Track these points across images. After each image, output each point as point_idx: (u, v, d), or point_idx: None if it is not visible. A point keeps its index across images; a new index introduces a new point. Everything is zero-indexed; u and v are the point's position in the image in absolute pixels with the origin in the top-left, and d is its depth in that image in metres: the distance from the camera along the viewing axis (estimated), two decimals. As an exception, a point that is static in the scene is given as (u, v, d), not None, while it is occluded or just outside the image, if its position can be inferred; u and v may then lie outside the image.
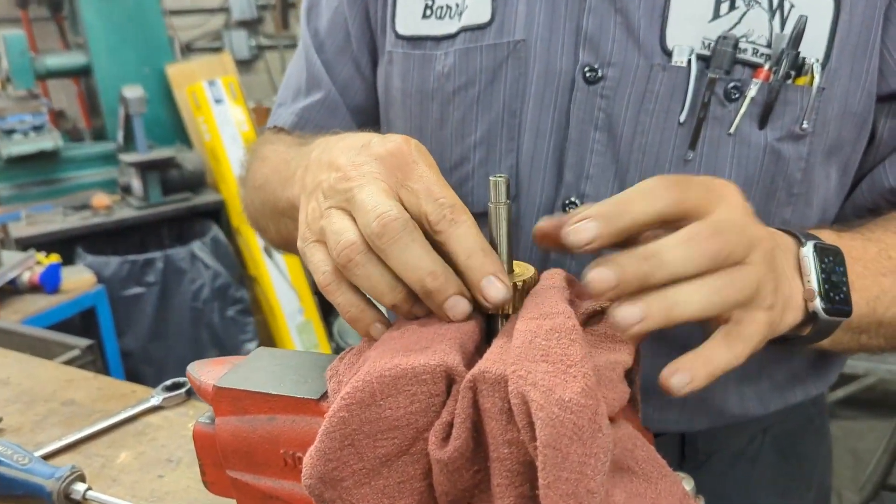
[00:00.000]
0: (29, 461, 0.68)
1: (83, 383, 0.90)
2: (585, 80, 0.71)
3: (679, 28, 0.68)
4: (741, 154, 0.69)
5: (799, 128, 0.68)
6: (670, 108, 0.69)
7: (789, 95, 0.67)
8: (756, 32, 0.67)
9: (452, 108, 0.78)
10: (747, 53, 0.67)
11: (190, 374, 0.59)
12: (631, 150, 0.71)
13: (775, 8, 0.67)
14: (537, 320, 0.45)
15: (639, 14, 0.69)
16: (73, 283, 2.60)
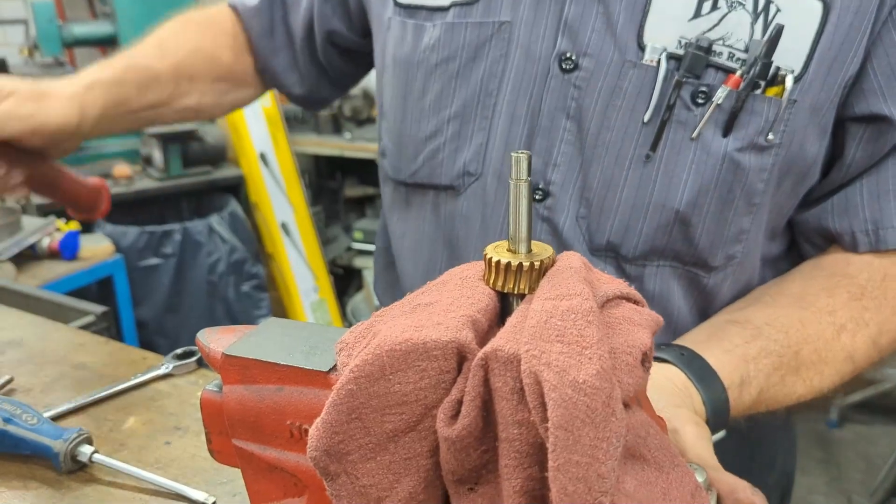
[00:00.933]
0: (37, 421, 0.68)
1: (95, 348, 0.90)
2: (561, 69, 0.70)
3: (658, 24, 0.67)
4: (700, 160, 0.68)
5: (764, 139, 0.67)
6: (636, 107, 0.69)
7: (756, 105, 0.66)
8: (735, 36, 0.66)
9: (433, 79, 0.79)
10: (722, 57, 0.66)
11: (199, 341, 0.58)
12: (596, 143, 0.70)
13: (759, 11, 0.65)
14: (553, 301, 0.43)
15: (620, 6, 0.68)
16: (91, 250, 2.61)
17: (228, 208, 3.21)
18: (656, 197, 0.70)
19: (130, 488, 0.64)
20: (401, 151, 0.85)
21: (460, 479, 0.44)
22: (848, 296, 0.72)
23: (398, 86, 0.84)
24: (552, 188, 0.72)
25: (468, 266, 0.52)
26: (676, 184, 0.69)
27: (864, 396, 3.18)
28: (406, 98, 0.83)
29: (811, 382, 0.71)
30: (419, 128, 0.81)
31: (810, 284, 0.75)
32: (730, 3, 0.66)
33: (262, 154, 3.42)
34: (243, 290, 3.19)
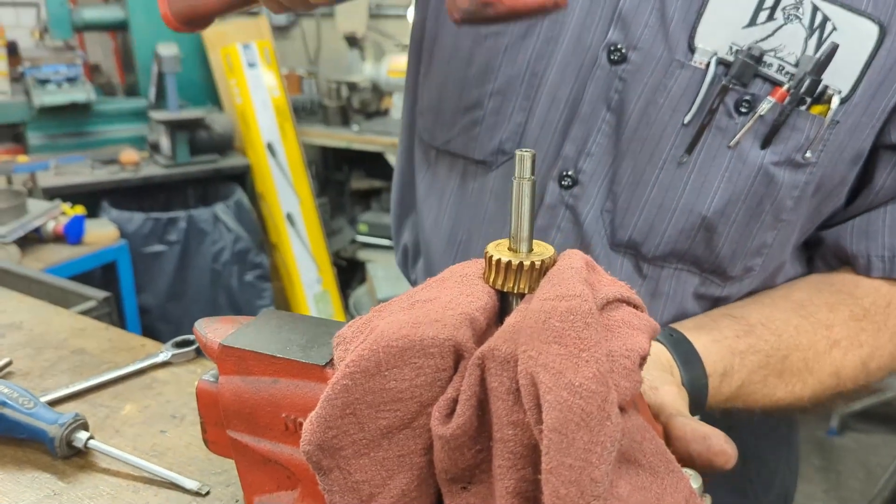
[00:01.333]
0: (34, 405, 0.68)
1: (95, 333, 0.90)
2: (609, 59, 0.70)
3: (711, 27, 0.67)
4: (735, 169, 0.67)
5: (801, 156, 0.66)
6: (678, 107, 0.68)
7: (799, 122, 0.65)
8: (787, 49, 0.65)
9: (481, 50, 0.77)
10: (772, 69, 0.65)
11: (197, 331, 0.58)
12: (632, 138, 0.70)
13: (815, 27, 0.64)
14: (552, 301, 0.43)
15: (676, 4, 0.67)
16: (96, 235, 2.62)
17: (234, 197, 3.21)
18: (685, 200, 0.70)
19: (124, 475, 0.64)
20: (438, 116, 0.84)
21: (453, 478, 0.44)
22: (849, 314, 0.72)
23: (445, 48, 0.82)
24: (581, 177, 0.72)
25: (469, 263, 0.52)
26: (707, 190, 0.69)
27: (865, 405, 3.17)
28: (450, 62, 0.81)
29: (792, 388, 0.71)
30: (460, 96, 0.80)
31: (815, 296, 0.74)
32: (786, 16, 0.65)
33: (270, 144, 3.42)
34: (246, 280, 3.20)
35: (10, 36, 3.47)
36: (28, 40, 3.73)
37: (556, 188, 0.74)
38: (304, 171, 3.51)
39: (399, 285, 3.12)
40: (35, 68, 3.19)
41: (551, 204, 0.75)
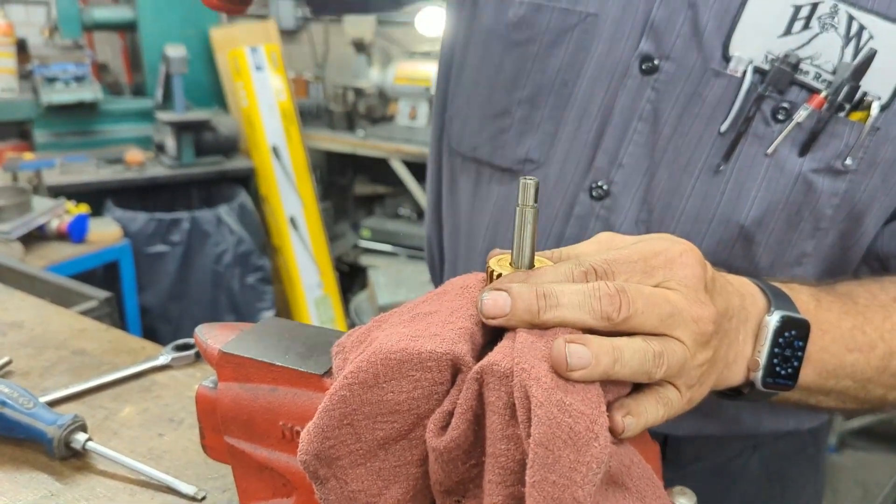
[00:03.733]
0: (33, 406, 0.68)
1: (95, 334, 0.90)
2: (641, 70, 0.69)
3: (746, 36, 0.66)
4: (772, 177, 0.67)
5: (841, 163, 0.66)
6: (714, 116, 0.67)
7: (837, 128, 0.65)
8: (824, 57, 0.65)
9: (511, 57, 0.77)
10: (808, 76, 0.65)
11: (197, 337, 0.58)
12: (667, 148, 0.69)
13: (851, 35, 0.64)
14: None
15: (710, 14, 0.67)
16: (99, 234, 2.62)
17: (238, 199, 3.22)
18: (722, 210, 0.69)
19: (121, 478, 0.65)
20: (465, 123, 0.84)
21: (447, 491, 0.44)
22: None
23: (475, 55, 0.82)
24: (613, 188, 0.72)
25: (470, 276, 0.52)
26: (745, 199, 0.68)
27: (864, 423, 3.16)
28: (480, 70, 0.81)
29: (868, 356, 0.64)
30: (489, 103, 0.80)
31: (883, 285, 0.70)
32: (822, 24, 0.64)
33: (275, 147, 3.42)
34: (248, 282, 3.20)
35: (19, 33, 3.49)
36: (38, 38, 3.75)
37: (586, 199, 0.74)
38: (308, 175, 3.52)
39: (399, 292, 3.12)
40: (44, 66, 3.20)
41: (581, 214, 0.74)
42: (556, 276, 0.45)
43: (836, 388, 0.63)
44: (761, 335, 0.55)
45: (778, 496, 0.85)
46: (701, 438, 0.76)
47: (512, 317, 0.44)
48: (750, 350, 0.55)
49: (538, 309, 0.43)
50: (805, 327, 0.57)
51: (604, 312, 0.43)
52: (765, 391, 0.56)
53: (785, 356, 0.56)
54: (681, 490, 0.47)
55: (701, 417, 0.74)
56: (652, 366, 0.43)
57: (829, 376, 0.62)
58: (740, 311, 0.54)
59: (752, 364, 0.56)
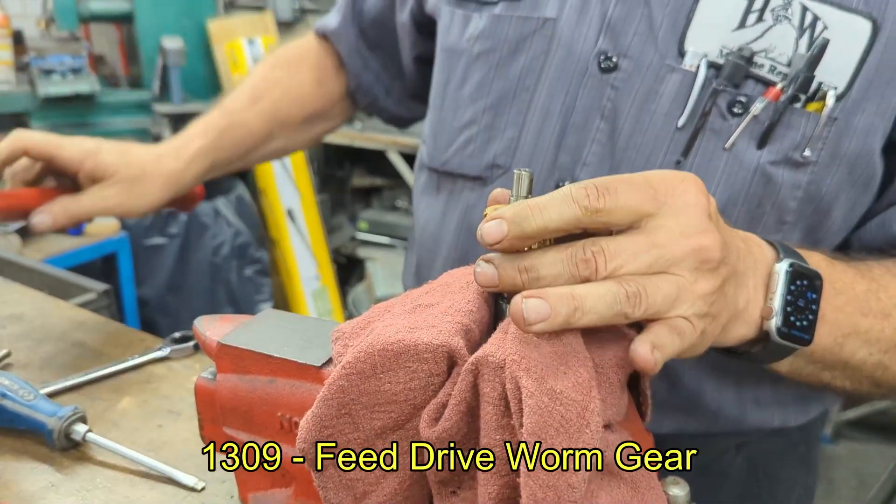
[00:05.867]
0: (34, 397, 0.69)
1: (94, 327, 0.91)
2: (599, 68, 0.70)
3: (701, 31, 0.67)
4: (731, 170, 0.67)
5: (799, 154, 0.65)
6: (671, 111, 0.68)
7: (793, 119, 0.65)
8: (778, 49, 0.65)
9: (474, 69, 0.79)
10: (763, 69, 0.65)
11: (196, 329, 0.59)
12: (627, 146, 0.70)
13: (805, 26, 0.64)
14: None
15: (664, 11, 0.68)
16: (97, 227, 2.62)
17: (235, 192, 3.22)
18: None
19: (121, 469, 0.65)
20: (437, 139, 0.85)
21: (442, 481, 0.45)
22: None
23: (441, 73, 0.85)
24: None
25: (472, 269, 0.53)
26: None
27: (860, 413, 3.18)
28: (446, 86, 0.83)
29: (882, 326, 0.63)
30: (455, 116, 0.82)
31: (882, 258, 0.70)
32: (776, 17, 0.65)
33: (272, 139, 3.41)
34: (246, 275, 3.20)
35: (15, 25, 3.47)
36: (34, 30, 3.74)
37: None
38: (305, 167, 3.52)
39: (397, 284, 3.13)
40: (40, 58, 3.19)
41: None
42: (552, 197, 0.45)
43: (851, 359, 0.62)
44: (772, 283, 0.54)
45: (766, 496, 0.85)
46: (684, 437, 0.76)
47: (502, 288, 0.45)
48: (762, 299, 0.54)
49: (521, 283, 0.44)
50: (817, 279, 0.56)
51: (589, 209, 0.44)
52: (781, 343, 0.54)
53: (798, 307, 0.55)
54: (673, 480, 0.48)
55: (682, 414, 0.75)
56: (627, 306, 0.43)
57: (844, 341, 0.61)
58: (746, 256, 0.53)
59: (766, 311, 0.54)
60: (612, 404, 0.43)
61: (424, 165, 0.91)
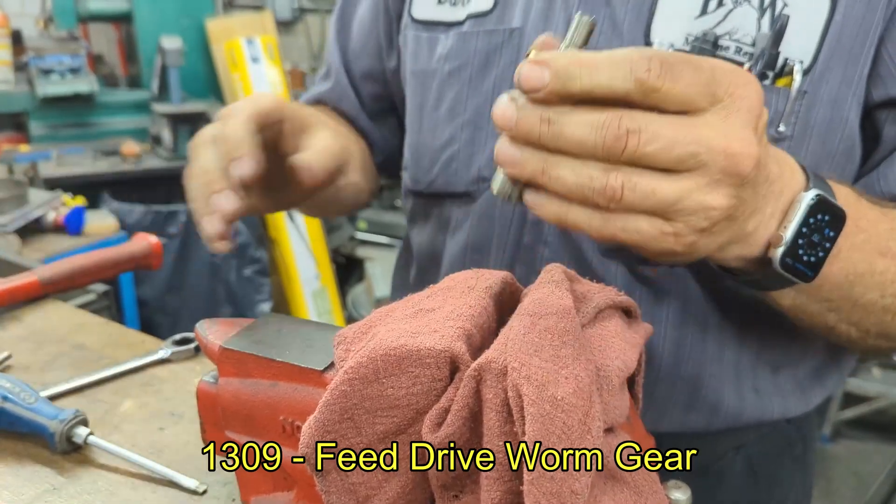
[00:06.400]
0: (35, 400, 0.69)
1: (95, 328, 0.91)
2: None
3: (664, 23, 0.68)
4: None
5: (774, 130, 0.66)
6: None
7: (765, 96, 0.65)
8: (741, 31, 0.66)
9: (447, 88, 0.80)
10: (729, 52, 0.66)
11: (198, 332, 0.59)
12: None
13: (766, 6, 0.66)
14: (531, 317, 0.44)
15: (627, 7, 0.70)
16: (96, 227, 2.62)
17: (235, 191, 3.22)
18: None
19: (123, 472, 0.65)
20: (418, 163, 0.86)
21: (444, 486, 0.45)
22: None
23: (415, 98, 0.85)
24: None
25: (477, 275, 0.53)
26: None
27: (859, 413, 3.18)
28: (422, 109, 0.84)
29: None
30: (434, 137, 0.82)
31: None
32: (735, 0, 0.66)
33: (271, 139, 3.42)
34: (245, 274, 3.21)
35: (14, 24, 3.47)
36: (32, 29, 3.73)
37: None
38: (304, 167, 3.52)
39: (397, 283, 3.13)
40: (39, 58, 3.19)
41: (535, 220, 0.75)
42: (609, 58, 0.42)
43: (860, 299, 0.60)
44: (791, 212, 0.51)
45: (765, 497, 0.85)
46: (684, 436, 0.76)
47: (516, 134, 0.43)
48: (776, 225, 0.52)
49: (539, 135, 0.43)
50: (840, 218, 0.53)
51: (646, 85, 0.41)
52: (780, 273, 0.52)
53: (812, 241, 0.52)
54: (675, 484, 0.48)
55: (682, 410, 0.75)
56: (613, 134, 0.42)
57: (856, 280, 0.59)
58: (777, 180, 0.51)
59: (775, 239, 0.52)
60: (615, 407, 0.44)
61: (410, 191, 0.90)
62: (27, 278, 0.95)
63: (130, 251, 1.07)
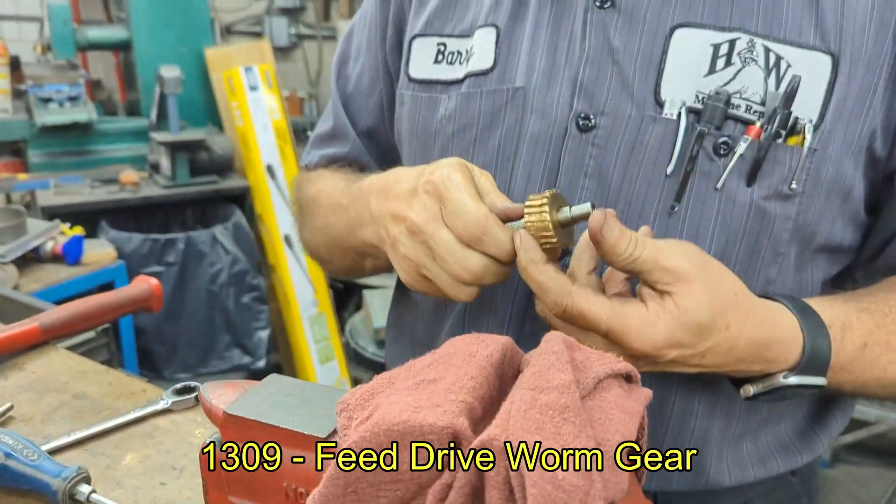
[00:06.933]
0: (38, 457, 0.69)
1: (95, 377, 0.91)
2: (578, 128, 0.71)
3: (674, 81, 0.69)
4: (726, 210, 0.69)
5: (788, 187, 0.68)
6: (658, 160, 0.69)
7: (778, 154, 0.67)
8: (750, 90, 0.67)
9: (451, 149, 0.80)
10: (740, 110, 0.68)
11: (202, 396, 0.59)
12: (618, 199, 0.71)
13: (771, 67, 0.67)
14: (532, 392, 0.45)
15: (635, 66, 0.70)
16: (94, 256, 2.63)
17: (233, 219, 3.23)
18: None
19: (125, 529, 0.66)
20: None
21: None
22: None
23: (415, 158, 0.85)
24: (571, 246, 0.73)
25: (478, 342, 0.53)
26: (704, 235, 0.69)
27: (858, 437, 3.18)
28: None
29: None
30: None
31: None
32: (743, 59, 0.67)
33: (269, 166, 3.44)
34: (243, 302, 3.21)
35: (12, 50, 3.49)
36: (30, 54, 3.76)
37: None
38: (302, 194, 3.53)
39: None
40: (37, 87, 3.21)
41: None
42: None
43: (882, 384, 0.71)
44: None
45: None
46: (689, 495, 0.76)
47: None
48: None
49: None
50: (821, 382, 0.65)
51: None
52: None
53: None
54: None
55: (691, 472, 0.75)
56: None
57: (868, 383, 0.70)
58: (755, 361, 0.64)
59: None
60: (615, 483, 0.44)
61: None
62: (28, 325, 0.96)
63: (131, 294, 1.07)
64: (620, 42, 0.70)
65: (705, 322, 0.59)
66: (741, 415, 0.75)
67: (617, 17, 0.71)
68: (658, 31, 0.69)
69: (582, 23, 0.72)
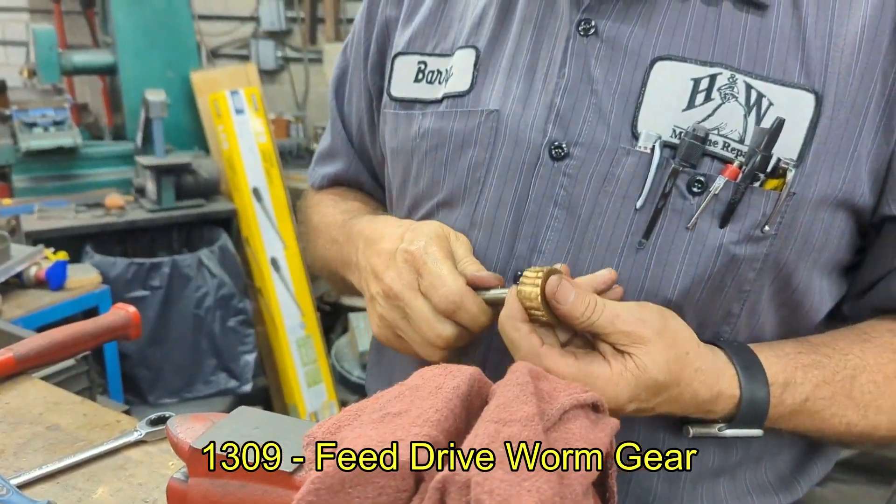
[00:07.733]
0: (7, 492, 0.68)
1: (70, 408, 0.90)
2: (551, 157, 0.71)
3: (652, 114, 0.68)
4: (695, 250, 0.67)
5: (760, 231, 0.66)
6: (629, 193, 0.68)
7: (754, 199, 0.65)
8: (729, 126, 0.66)
9: (425, 166, 0.81)
10: (718, 146, 0.66)
11: (169, 430, 0.59)
12: (587, 230, 0.70)
13: (752, 104, 0.66)
14: (496, 424, 0.45)
15: (613, 97, 0.69)
16: (78, 281, 2.61)
17: (219, 242, 3.22)
18: (649, 285, 0.69)
19: (94, 564, 0.65)
20: None
21: None
22: None
23: (396, 175, 0.86)
24: None
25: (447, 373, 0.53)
26: (670, 273, 0.68)
27: (846, 455, 3.17)
28: (404, 185, 0.85)
29: (865, 412, 0.69)
30: (414, 212, 0.83)
31: (875, 325, 0.74)
32: (723, 95, 0.66)
33: (256, 189, 3.43)
34: (229, 326, 3.19)
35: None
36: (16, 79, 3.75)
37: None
38: (289, 216, 3.53)
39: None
40: (22, 111, 3.21)
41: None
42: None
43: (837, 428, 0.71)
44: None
45: None
46: None
47: None
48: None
49: None
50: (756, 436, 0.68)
51: None
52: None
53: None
54: None
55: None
56: None
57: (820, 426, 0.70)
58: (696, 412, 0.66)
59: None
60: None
61: None
62: (2, 356, 0.95)
63: (109, 323, 1.07)
64: (601, 72, 0.70)
65: (662, 380, 0.61)
66: (715, 449, 0.75)
67: (599, 45, 0.70)
68: (639, 62, 0.69)
69: (563, 50, 0.72)
